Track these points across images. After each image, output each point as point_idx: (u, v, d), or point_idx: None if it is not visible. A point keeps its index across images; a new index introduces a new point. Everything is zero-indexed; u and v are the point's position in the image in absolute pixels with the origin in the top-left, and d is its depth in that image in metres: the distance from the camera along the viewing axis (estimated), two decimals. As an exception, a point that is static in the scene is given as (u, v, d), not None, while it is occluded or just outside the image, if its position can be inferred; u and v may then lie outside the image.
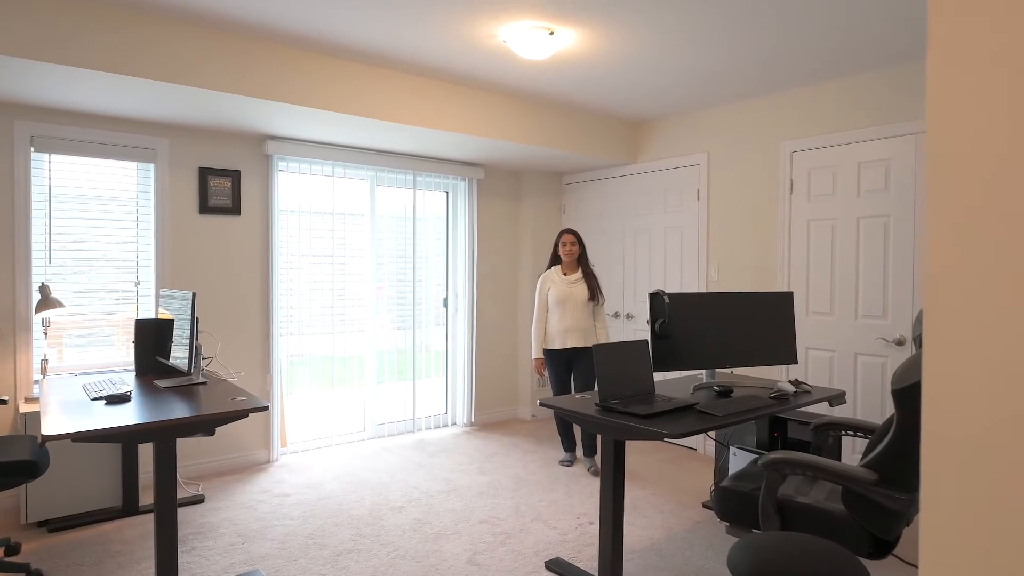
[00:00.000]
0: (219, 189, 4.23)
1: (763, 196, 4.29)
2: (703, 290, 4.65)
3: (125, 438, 2.37)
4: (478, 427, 5.44)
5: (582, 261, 4.31)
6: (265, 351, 4.43)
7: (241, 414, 2.60)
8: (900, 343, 3.62)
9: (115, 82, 3.09)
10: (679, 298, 3.09)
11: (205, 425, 2.55)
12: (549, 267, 4.36)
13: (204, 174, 4.16)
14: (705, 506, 3.62)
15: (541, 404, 2.80)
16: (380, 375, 5.04)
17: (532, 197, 5.69)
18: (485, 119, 4.26)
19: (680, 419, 2.48)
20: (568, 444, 4.42)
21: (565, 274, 4.28)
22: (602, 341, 4.22)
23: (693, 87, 4.09)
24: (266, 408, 2.65)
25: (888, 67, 3.65)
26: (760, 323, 3.22)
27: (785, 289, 4.14)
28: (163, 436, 2.46)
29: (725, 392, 2.99)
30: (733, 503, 2.37)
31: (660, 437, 2.33)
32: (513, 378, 5.84)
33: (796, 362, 3.25)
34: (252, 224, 4.36)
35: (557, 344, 4.23)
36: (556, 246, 4.33)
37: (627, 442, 4.80)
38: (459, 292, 5.46)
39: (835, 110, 3.90)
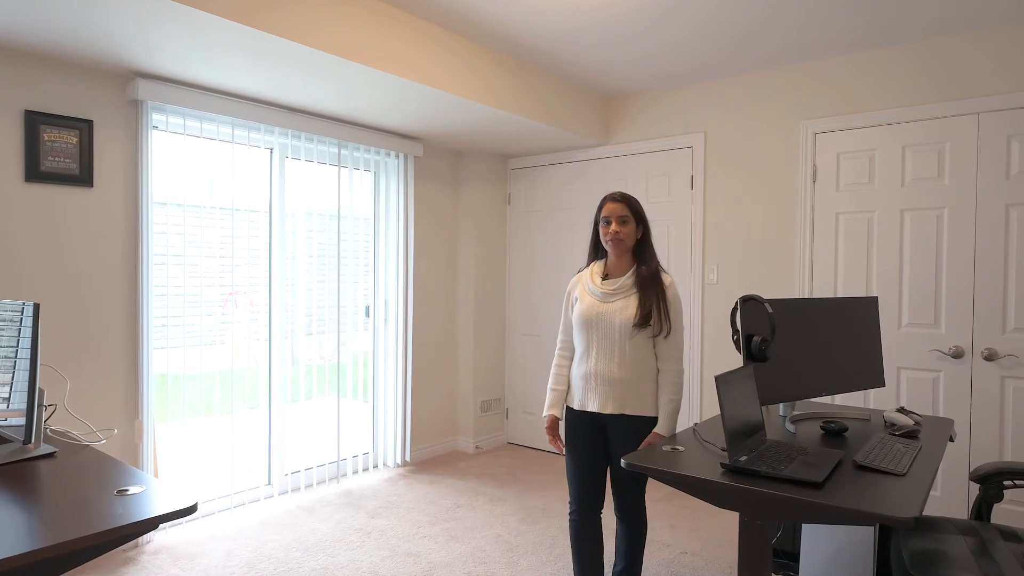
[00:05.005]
0: (59, 146, 2.83)
1: (777, 185, 3.67)
2: (699, 294, 3.96)
3: None
4: (415, 467, 4.35)
5: (641, 254, 2.34)
6: (131, 387, 3.06)
7: (148, 526, 1.41)
8: (958, 355, 3.13)
9: None
10: (773, 306, 2.32)
11: (70, 559, 1.34)
12: (589, 263, 2.46)
13: (33, 122, 2.75)
14: (756, 566, 2.88)
15: (627, 465, 1.88)
16: (295, 395, 3.80)
17: (473, 184, 4.71)
18: (436, 65, 3.20)
19: (846, 482, 1.67)
20: None
21: (606, 277, 2.38)
22: (665, 410, 2.26)
23: (698, 50, 3.37)
24: (193, 509, 1.49)
25: (939, 35, 3.16)
26: (848, 337, 2.53)
27: (806, 295, 3.54)
28: (-17, 594, 1.23)
29: (838, 430, 2.25)
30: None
31: (872, 521, 1.51)
32: (451, 404, 4.80)
33: (884, 384, 2.62)
34: (112, 200, 2.99)
35: (576, 401, 2.36)
36: (596, 225, 2.39)
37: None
38: (389, 298, 4.34)
39: (872, 84, 3.36)
